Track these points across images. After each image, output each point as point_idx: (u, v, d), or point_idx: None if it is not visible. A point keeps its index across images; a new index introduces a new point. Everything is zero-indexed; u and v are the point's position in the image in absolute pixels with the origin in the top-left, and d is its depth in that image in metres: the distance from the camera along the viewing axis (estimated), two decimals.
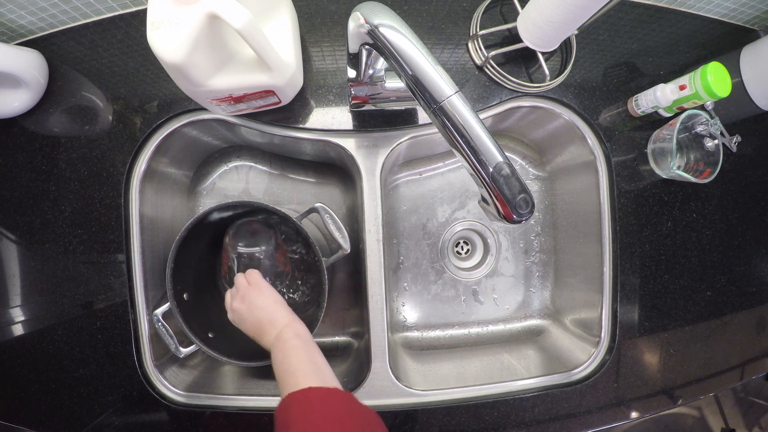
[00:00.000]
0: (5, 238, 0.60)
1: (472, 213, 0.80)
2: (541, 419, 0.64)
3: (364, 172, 0.63)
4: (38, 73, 0.57)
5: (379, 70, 0.52)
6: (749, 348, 0.70)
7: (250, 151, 0.75)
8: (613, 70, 0.66)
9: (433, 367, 0.71)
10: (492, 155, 0.36)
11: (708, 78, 0.57)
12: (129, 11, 0.60)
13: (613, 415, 0.65)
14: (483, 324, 0.80)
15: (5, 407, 0.59)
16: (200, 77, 0.47)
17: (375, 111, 0.61)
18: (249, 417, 0.60)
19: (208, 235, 0.67)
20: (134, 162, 0.60)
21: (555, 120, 0.68)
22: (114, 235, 0.59)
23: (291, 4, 0.55)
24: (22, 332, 0.59)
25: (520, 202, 0.36)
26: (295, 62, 0.53)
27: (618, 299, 0.66)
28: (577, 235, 0.73)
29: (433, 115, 0.37)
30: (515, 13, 0.61)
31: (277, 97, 0.55)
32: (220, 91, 0.50)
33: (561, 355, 0.70)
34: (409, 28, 0.37)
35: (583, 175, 0.70)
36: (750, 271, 0.70)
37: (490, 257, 0.80)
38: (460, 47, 0.63)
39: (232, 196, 0.74)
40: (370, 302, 0.63)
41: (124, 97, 0.60)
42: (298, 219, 0.59)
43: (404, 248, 0.79)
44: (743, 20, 0.71)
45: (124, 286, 0.59)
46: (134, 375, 0.59)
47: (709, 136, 0.62)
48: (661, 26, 0.68)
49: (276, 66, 0.48)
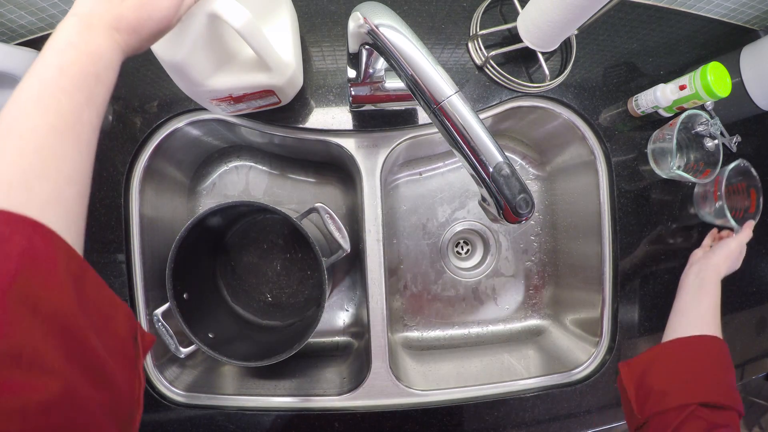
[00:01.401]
0: None
1: (472, 213, 0.80)
2: (541, 419, 0.64)
3: (364, 172, 0.63)
4: None
5: (379, 70, 0.52)
6: (749, 348, 0.70)
7: (250, 151, 0.75)
8: (613, 70, 0.66)
9: (433, 367, 0.71)
10: (492, 155, 0.36)
11: (708, 78, 0.57)
12: None
13: (613, 415, 0.65)
14: (483, 324, 0.80)
15: None
16: (200, 77, 0.47)
17: (375, 111, 0.61)
18: (249, 417, 0.60)
19: (208, 235, 0.67)
20: (134, 162, 0.60)
21: (555, 120, 0.68)
22: (114, 235, 0.59)
23: (291, 5, 0.55)
24: None
25: (520, 202, 0.36)
26: (295, 62, 0.53)
27: (618, 299, 0.66)
28: (577, 235, 0.73)
29: (433, 115, 0.37)
30: (515, 13, 0.61)
31: (276, 97, 0.55)
32: (219, 91, 0.50)
33: (561, 355, 0.70)
34: (409, 28, 0.37)
35: (583, 175, 0.70)
36: (750, 271, 0.70)
37: (490, 257, 0.80)
38: (460, 47, 0.63)
39: (232, 196, 0.74)
40: (370, 302, 0.63)
41: (124, 97, 0.60)
42: (298, 219, 0.59)
43: (404, 248, 0.79)
44: (743, 20, 0.71)
45: (124, 286, 0.59)
46: None
47: (709, 136, 0.62)
48: (661, 26, 0.68)
49: (276, 66, 0.48)
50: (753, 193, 0.65)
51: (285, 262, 0.75)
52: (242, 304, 0.74)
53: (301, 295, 0.74)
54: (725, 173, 0.62)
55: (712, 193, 0.64)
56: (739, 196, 0.67)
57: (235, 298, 0.74)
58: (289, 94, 0.57)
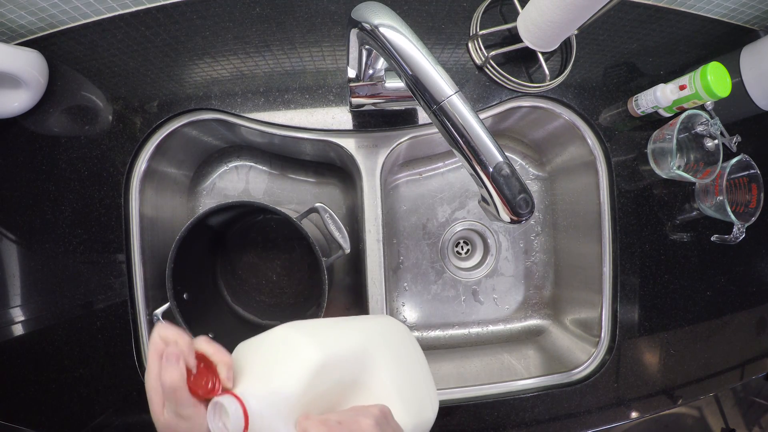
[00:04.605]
0: (5, 238, 0.60)
1: (472, 213, 0.80)
2: (541, 419, 0.64)
3: (364, 172, 0.63)
4: (38, 73, 0.57)
5: (379, 70, 0.52)
6: (749, 348, 0.70)
7: (250, 151, 0.74)
8: (613, 70, 0.66)
9: (433, 367, 0.71)
10: (492, 155, 0.36)
11: (708, 78, 0.57)
12: (129, 11, 0.60)
13: (613, 415, 0.65)
14: (483, 324, 0.80)
15: (5, 407, 0.59)
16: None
17: (375, 111, 0.61)
18: None
19: (208, 235, 0.67)
20: (134, 162, 0.60)
21: (555, 120, 0.68)
22: (114, 235, 0.59)
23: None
24: (22, 332, 0.59)
25: (520, 202, 0.36)
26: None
27: (618, 299, 0.66)
28: (577, 235, 0.73)
29: (433, 115, 0.37)
30: (515, 13, 0.61)
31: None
32: None
33: (561, 355, 0.70)
34: (409, 28, 0.37)
35: (583, 175, 0.70)
36: (750, 271, 0.70)
37: (490, 257, 0.80)
38: (460, 47, 0.63)
39: (232, 196, 0.74)
40: (370, 302, 0.63)
41: (124, 97, 0.60)
42: (298, 219, 0.59)
43: (404, 248, 0.79)
44: (743, 20, 0.71)
45: (124, 286, 0.59)
46: (134, 375, 0.59)
47: (709, 136, 0.62)
48: (661, 26, 0.68)
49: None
50: (754, 189, 0.65)
51: (285, 262, 0.75)
52: (242, 304, 0.74)
53: (301, 295, 0.74)
54: (727, 168, 0.62)
55: (713, 187, 0.64)
56: (741, 190, 0.67)
57: (235, 298, 0.74)
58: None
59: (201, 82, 0.60)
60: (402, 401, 0.39)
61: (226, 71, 0.60)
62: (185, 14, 0.60)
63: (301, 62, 0.61)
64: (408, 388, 0.41)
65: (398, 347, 0.44)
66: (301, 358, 0.34)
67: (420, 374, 0.45)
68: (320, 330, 0.40)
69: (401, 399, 0.39)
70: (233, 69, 0.60)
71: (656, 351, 0.66)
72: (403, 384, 0.41)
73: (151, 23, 0.60)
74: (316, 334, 0.38)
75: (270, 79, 0.61)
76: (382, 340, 0.42)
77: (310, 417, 0.32)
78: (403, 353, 0.45)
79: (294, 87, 0.61)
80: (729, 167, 0.63)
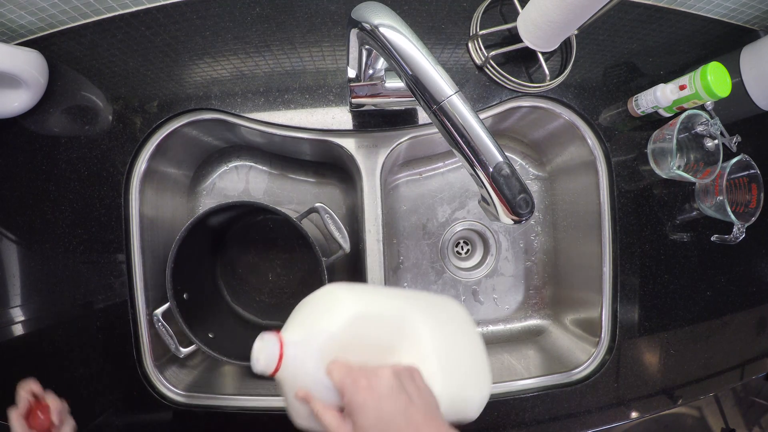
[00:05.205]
0: (5, 238, 0.60)
1: (472, 213, 0.80)
2: (541, 419, 0.64)
3: (364, 172, 0.63)
4: (38, 73, 0.57)
5: (379, 70, 0.52)
6: (749, 348, 0.70)
7: (250, 151, 0.75)
8: (613, 70, 0.66)
9: None
10: (492, 155, 0.36)
11: (708, 78, 0.57)
12: (129, 11, 0.60)
13: (613, 415, 0.65)
14: (483, 324, 0.80)
15: (5, 407, 0.59)
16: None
17: (375, 111, 0.61)
18: (249, 417, 0.60)
19: (208, 235, 0.67)
20: (134, 162, 0.60)
21: (555, 120, 0.68)
22: (114, 235, 0.59)
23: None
24: (22, 332, 0.59)
25: (520, 202, 0.36)
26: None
27: (618, 299, 0.66)
28: (577, 235, 0.73)
29: (433, 115, 0.37)
30: (515, 13, 0.61)
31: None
32: None
33: (561, 355, 0.70)
34: (409, 28, 0.37)
35: (583, 175, 0.70)
36: (750, 271, 0.70)
37: (490, 257, 0.80)
38: (460, 47, 0.63)
39: (232, 196, 0.74)
40: None
41: (124, 97, 0.60)
42: (298, 219, 0.59)
43: (404, 248, 0.79)
44: (743, 20, 0.71)
45: (124, 286, 0.59)
46: (134, 375, 0.59)
47: (709, 136, 0.62)
48: (661, 26, 0.68)
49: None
50: (754, 189, 0.65)
51: (285, 262, 0.75)
52: (242, 304, 0.74)
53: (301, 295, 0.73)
54: (727, 168, 0.62)
55: (713, 187, 0.64)
56: (741, 190, 0.67)
57: (235, 298, 0.74)
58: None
59: (201, 82, 0.60)
60: (442, 371, 0.40)
61: (226, 71, 0.60)
62: (185, 14, 0.60)
63: (301, 62, 0.61)
64: (450, 362, 0.42)
65: (448, 324, 0.46)
66: (337, 306, 0.38)
67: (470, 354, 0.46)
68: (365, 290, 0.44)
69: (441, 369, 0.40)
70: (233, 69, 0.60)
71: (656, 351, 0.66)
72: (446, 357, 0.42)
73: (151, 23, 0.60)
74: (357, 292, 0.42)
75: (270, 79, 0.61)
76: (430, 314, 0.44)
77: (337, 361, 0.36)
78: (453, 331, 0.46)
79: (294, 87, 0.61)
80: (729, 167, 0.63)
